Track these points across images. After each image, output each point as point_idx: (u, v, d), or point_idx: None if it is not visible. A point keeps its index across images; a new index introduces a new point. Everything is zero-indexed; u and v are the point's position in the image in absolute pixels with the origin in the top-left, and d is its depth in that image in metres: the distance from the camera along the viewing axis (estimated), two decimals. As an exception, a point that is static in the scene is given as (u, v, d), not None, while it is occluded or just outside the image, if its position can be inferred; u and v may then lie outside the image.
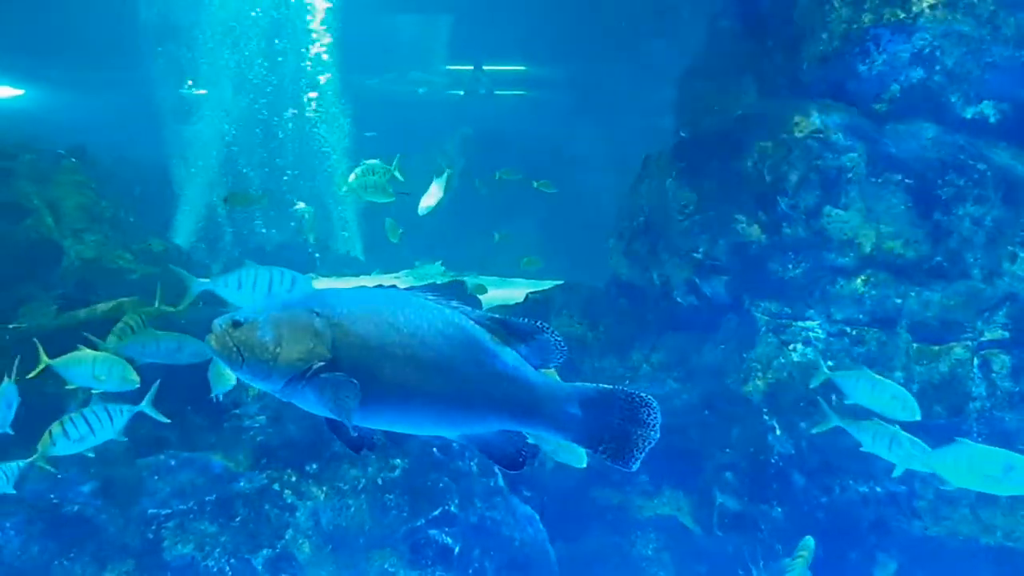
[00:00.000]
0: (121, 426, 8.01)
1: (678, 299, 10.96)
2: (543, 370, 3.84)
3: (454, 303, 3.75)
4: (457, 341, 3.68)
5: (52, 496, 9.03)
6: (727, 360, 10.41)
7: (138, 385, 8.02)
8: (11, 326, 10.95)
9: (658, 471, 10.55)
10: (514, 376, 3.73)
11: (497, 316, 3.77)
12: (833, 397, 9.05)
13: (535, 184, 15.96)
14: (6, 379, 7.97)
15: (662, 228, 11.26)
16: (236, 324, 3.62)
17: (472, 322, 3.72)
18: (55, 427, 7.77)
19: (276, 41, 20.74)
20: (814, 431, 9.12)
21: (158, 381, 8.23)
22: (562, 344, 3.79)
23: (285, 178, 20.84)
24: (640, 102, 20.48)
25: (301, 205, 20.22)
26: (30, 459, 7.95)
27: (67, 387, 8.39)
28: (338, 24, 20.84)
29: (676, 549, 10.52)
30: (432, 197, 13.15)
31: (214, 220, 19.03)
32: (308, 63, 21.14)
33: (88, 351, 8.17)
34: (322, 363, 3.59)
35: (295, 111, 20.99)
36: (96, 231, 13.18)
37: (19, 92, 24.46)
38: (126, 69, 21.66)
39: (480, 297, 13.07)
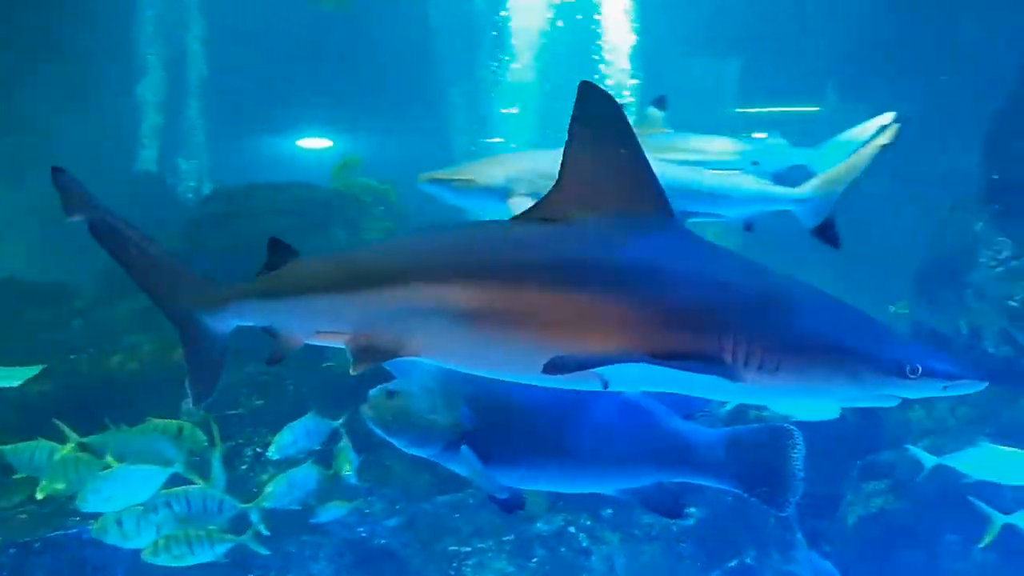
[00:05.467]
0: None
1: (989, 349, 10.39)
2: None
3: None
4: (601, 399, 3.75)
5: (361, 530, 9.46)
6: (1045, 416, 9.77)
7: None
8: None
9: (970, 532, 9.95)
10: (659, 426, 3.78)
11: None
12: None
13: None
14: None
15: (970, 274, 10.72)
16: (391, 394, 3.80)
17: None
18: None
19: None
20: None
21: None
22: None
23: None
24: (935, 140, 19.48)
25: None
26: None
27: None
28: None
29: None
30: None
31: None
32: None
33: None
34: (470, 430, 3.72)
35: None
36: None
37: (329, 143, 26.07)
38: (424, 119, 22.71)
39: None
